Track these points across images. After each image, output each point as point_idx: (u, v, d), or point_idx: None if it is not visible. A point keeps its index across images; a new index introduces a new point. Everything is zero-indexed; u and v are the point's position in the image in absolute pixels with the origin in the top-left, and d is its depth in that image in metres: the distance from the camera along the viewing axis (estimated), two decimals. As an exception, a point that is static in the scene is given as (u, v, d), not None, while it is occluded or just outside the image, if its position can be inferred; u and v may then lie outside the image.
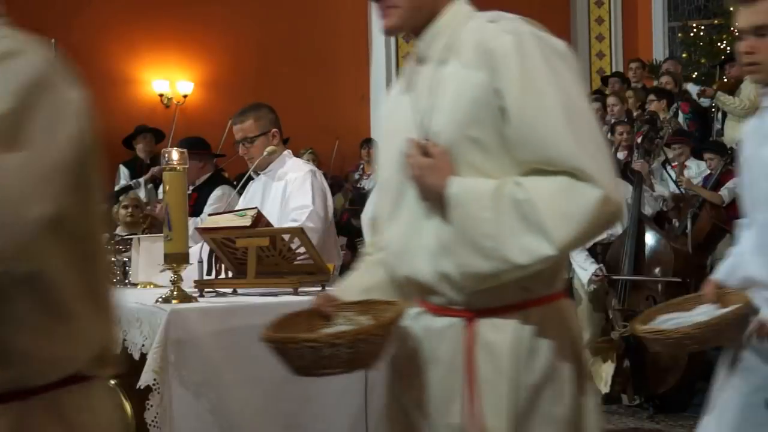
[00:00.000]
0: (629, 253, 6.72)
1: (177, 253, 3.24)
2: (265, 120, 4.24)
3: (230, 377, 3.11)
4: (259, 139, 4.22)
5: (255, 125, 4.24)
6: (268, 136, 4.22)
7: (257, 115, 4.24)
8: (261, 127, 4.23)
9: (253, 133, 4.22)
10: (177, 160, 3.26)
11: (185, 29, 10.43)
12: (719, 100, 8.58)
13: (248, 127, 4.24)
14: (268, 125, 4.24)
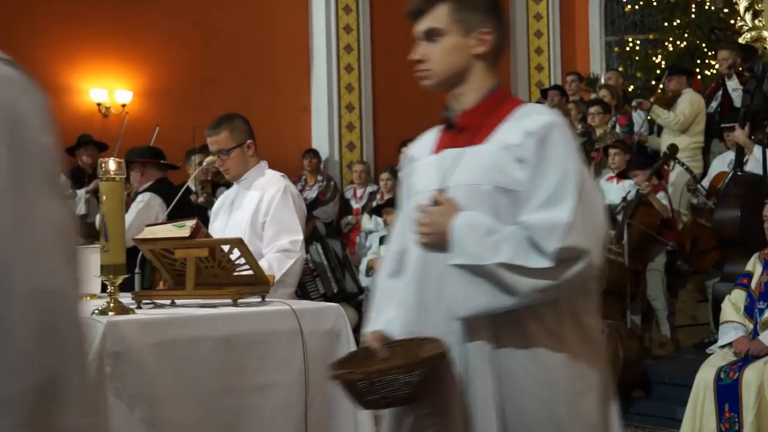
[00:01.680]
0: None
1: (114, 264, 3.20)
2: (239, 131, 4.19)
3: (168, 389, 3.08)
4: (234, 151, 4.15)
5: (230, 137, 4.17)
6: (243, 147, 4.17)
7: (231, 126, 4.19)
8: (236, 139, 4.17)
9: (228, 145, 4.16)
10: (114, 170, 3.22)
11: (124, 37, 10.31)
12: (654, 113, 8.74)
13: (223, 140, 4.17)
14: (243, 136, 4.18)
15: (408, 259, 2.43)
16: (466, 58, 2.44)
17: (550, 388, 2.24)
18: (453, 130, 2.50)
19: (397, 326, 2.43)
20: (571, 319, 2.29)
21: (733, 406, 4.93)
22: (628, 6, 12.59)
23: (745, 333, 5.18)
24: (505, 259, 2.16)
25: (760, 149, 6.70)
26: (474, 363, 2.26)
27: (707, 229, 7.42)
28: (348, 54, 11.49)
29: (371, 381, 2.23)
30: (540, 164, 2.23)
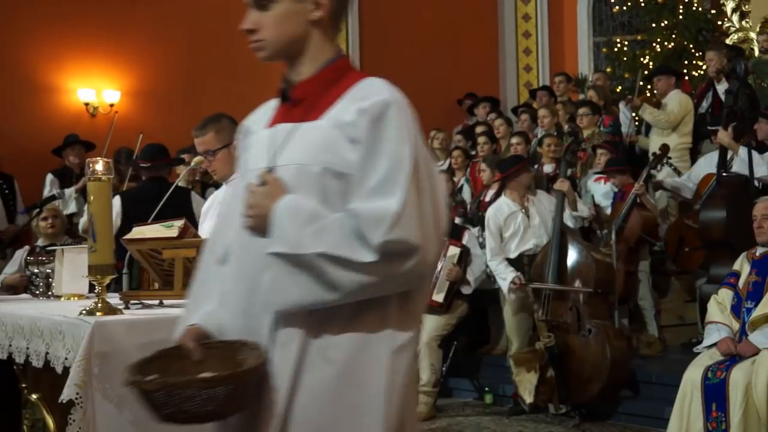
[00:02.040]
0: (552, 264, 6.82)
1: (102, 265, 3.20)
2: (225, 132, 4.13)
3: (156, 390, 3.07)
4: (220, 152, 4.11)
5: (216, 138, 4.14)
6: (230, 148, 4.11)
7: (218, 127, 4.15)
8: (222, 140, 4.13)
9: (214, 146, 4.13)
10: (102, 170, 3.22)
11: (112, 37, 10.28)
12: (645, 111, 8.76)
13: (209, 140, 4.14)
14: (229, 137, 4.08)
15: (233, 244, 2.20)
16: (301, 25, 2.20)
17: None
18: (288, 102, 2.27)
19: (217, 319, 2.21)
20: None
21: (720, 406, 4.95)
22: (616, 7, 12.63)
23: (729, 334, 5.20)
24: (327, 249, 1.96)
25: (745, 150, 6.72)
26: (274, 369, 2.06)
27: (694, 230, 7.45)
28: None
29: (169, 393, 1.98)
30: (372, 146, 2.04)
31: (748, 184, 6.64)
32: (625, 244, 7.35)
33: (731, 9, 10.78)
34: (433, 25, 12.09)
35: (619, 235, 7.33)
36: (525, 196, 7.25)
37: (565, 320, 6.75)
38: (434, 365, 7.20)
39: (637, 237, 7.38)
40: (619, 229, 7.32)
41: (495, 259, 7.19)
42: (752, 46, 10.21)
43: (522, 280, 7.00)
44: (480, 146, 9.23)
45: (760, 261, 5.30)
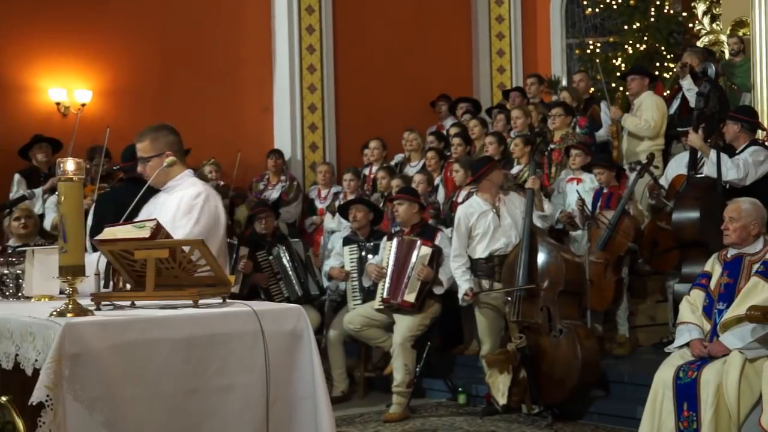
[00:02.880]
0: (523, 265, 6.85)
1: (72, 266, 3.17)
2: (161, 142, 4.33)
3: (128, 392, 3.05)
4: (153, 159, 4.31)
5: (150, 146, 4.34)
6: (162, 158, 4.31)
7: (154, 136, 4.35)
8: (156, 149, 4.32)
9: (148, 153, 4.33)
10: (73, 170, 3.19)
11: (83, 36, 10.20)
12: (626, 121, 8.80)
13: (144, 147, 4.35)
14: (163, 147, 4.32)
15: None
16: None
17: None
18: None
19: None
20: None
21: (691, 405, 4.99)
22: (588, 9, 12.71)
23: (700, 335, 5.24)
24: None
25: (716, 152, 6.77)
26: None
27: (667, 231, 7.50)
28: (310, 54, 11.46)
29: None
30: None
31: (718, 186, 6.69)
32: (614, 253, 7.40)
33: (702, 12, 10.87)
34: (407, 27, 12.09)
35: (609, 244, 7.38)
36: (497, 196, 7.26)
37: (536, 321, 6.78)
38: (408, 366, 7.20)
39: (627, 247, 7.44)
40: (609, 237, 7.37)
41: (456, 261, 7.21)
42: (722, 48, 10.31)
43: (473, 291, 7.04)
44: (454, 147, 9.25)
45: (731, 262, 5.34)
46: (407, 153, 10.04)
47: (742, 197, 5.59)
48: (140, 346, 3.09)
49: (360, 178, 9.71)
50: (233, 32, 11.22)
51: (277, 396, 3.36)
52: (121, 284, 3.65)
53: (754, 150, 7.03)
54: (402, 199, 7.61)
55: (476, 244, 7.24)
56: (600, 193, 7.78)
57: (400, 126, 10.45)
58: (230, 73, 11.16)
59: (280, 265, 8.17)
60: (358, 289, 7.85)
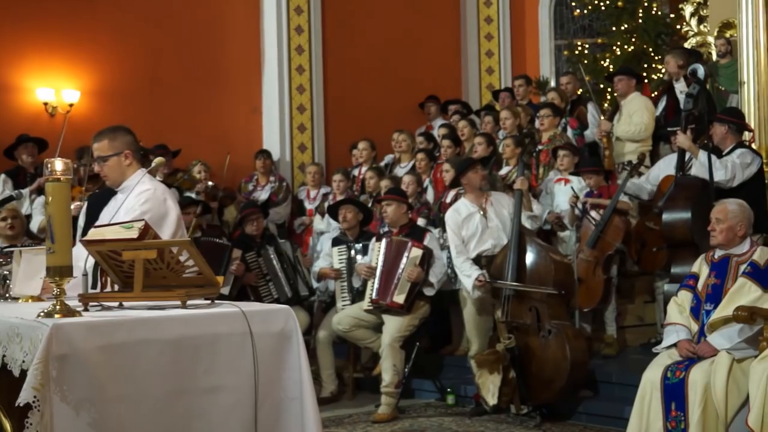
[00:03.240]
0: (511, 265, 6.86)
1: (60, 266, 3.16)
2: (119, 142, 4.43)
3: (115, 393, 3.04)
4: (111, 159, 4.41)
5: (109, 145, 4.42)
6: (120, 157, 4.41)
7: (112, 136, 4.45)
8: (114, 148, 4.41)
9: (106, 153, 4.42)
10: (61, 170, 3.18)
11: (71, 36, 10.17)
12: (618, 132, 8.77)
13: (102, 147, 4.43)
14: (121, 147, 4.42)
15: None
16: None
17: None
18: None
19: None
20: None
21: (679, 405, 5.00)
22: (576, 10, 12.74)
23: (688, 335, 5.26)
24: None
25: (705, 155, 6.79)
26: None
27: (655, 232, 7.53)
28: (299, 55, 11.46)
29: None
30: None
31: (707, 186, 6.72)
32: (604, 251, 7.41)
33: (690, 13, 10.91)
34: (396, 28, 12.10)
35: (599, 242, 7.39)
36: (484, 197, 7.27)
37: (525, 321, 6.79)
38: (396, 366, 7.20)
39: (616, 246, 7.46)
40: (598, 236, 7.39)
41: (460, 256, 7.19)
42: (710, 50, 10.34)
43: (486, 277, 7.02)
44: (443, 149, 9.26)
45: (719, 263, 5.36)
46: (397, 154, 10.04)
47: (728, 198, 5.62)
48: (128, 347, 3.08)
49: (349, 178, 9.71)
50: (222, 33, 11.20)
51: (265, 397, 3.36)
52: (109, 285, 3.64)
53: (742, 152, 7.06)
54: (390, 200, 7.61)
55: (465, 245, 7.24)
56: (590, 194, 7.79)
57: (389, 127, 10.45)
58: (219, 74, 11.14)
59: (269, 265, 8.16)
60: (347, 289, 7.85)
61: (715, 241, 5.36)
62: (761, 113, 8.77)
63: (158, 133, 9.84)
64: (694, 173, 6.97)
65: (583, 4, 12.52)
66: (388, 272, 7.38)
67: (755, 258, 5.24)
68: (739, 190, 6.81)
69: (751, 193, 6.90)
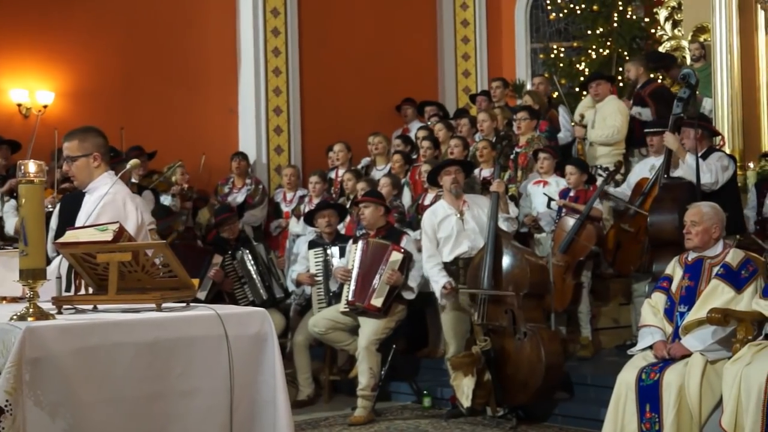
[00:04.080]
0: (487, 267, 6.87)
1: (33, 269, 3.13)
2: (89, 143, 4.46)
3: (90, 397, 3.02)
4: (80, 159, 4.44)
5: (78, 146, 4.45)
6: (89, 158, 4.44)
7: (82, 137, 4.48)
8: (83, 149, 4.44)
9: (75, 153, 4.44)
10: (34, 172, 3.15)
11: (46, 36, 10.09)
12: (591, 137, 8.81)
13: (72, 147, 4.46)
14: (91, 148, 4.45)
15: None
16: None
17: None
18: None
19: None
20: None
21: (653, 407, 5.04)
22: (552, 14, 12.80)
23: (662, 337, 5.30)
24: None
25: (693, 157, 6.84)
26: None
27: (630, 234, 7.58)
28: (276, 57, 11.43)
29: None
30: None
31: (693, 187, 6.77)
32: (576, 257, 7.44)
33: (664, 17, 10.99)
34: (372, 30, 12.11)
35: (570, 248, 7.42)
36: (461, 200, 7.28)
37: (500, 324, 6.80)
38: (373, 369, 7.20)
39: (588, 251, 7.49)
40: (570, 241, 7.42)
41: (430, 261, 7.21)
42: (684, 54, 10.43)
43: (453, 285, 7.05)
44: (423, 150, 9.27)
45: (692, 265, 5.41)
46: (373, 156, 10.04)
47: (701, 201, 5.66)
48: (102, 350, 3.06)
49: (326, 181, 9.70)
50: (198, 34, 11.16)
51: (240, 400, 3.35)
52: (83, 288, 3.62)
53: (720, 156, 7.16)
54: (368, 202, 7.61)
55: (441, 247, 7.25)
56: (567, 195, 7.82)
57: (365, 129, 10.45)
58: (195, 75, 11.10)
59: (244, 268, 8.14)
60: (324, 292, 7.84)
61: (692, 243, 5.40)
62: (734, 117, 8.88)
63: (134, 134, 9.79)
64: (681, 175, 7.02)
65: (558, 7, 12.59)
66: (365, 274, 7.37)
67: (728, 260, 5.29)
68: (718, 193, 6.89)
69: (729, 196, 6.99)
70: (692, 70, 7.84)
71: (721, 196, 6.78)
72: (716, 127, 8.67)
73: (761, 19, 8.95)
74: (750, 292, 5.15)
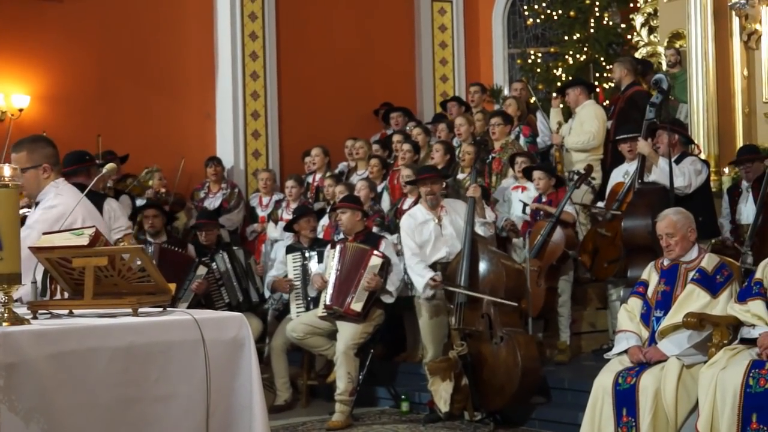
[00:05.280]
0: (464, 272, 6.88)
1: (9, 274, 3.10)
2: (38, 154, 4.36)
3: (65, 402, 3.00)
4: (29, 171, 4.32)
5: (27, 158, 4.35)
6: (39, 170, 4.34)
7: (31, 147, 4.38)
8: (32, 161, 4.34)
9: (24, 164, 4.32)
10: (9, 176, 3.12)
11: (21, 40, 10.03)
12: (569, 144, 8.83)
13: (21, 159, 4.35)
14: (40, 159, 4.35)
15: None
16: None
17: None
18: None
19: None
20: None
21: (630, 411, 5.06)
22: (530, 20, 12.86)
23: (638, 342, 5.33)
24: None
25: (665, 161, 6.89)
26: None
27: (607, 239, 7.62)
28: (253, 61, 11.42)
29: None
30: None
31: (666, 192, 6.81)
32: (547, 261, 7.47)
33: (640, 24, 11.07)
34: (350, 35, 12.11)
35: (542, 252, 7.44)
36: (439, 205, 7.29)
37: (477, 328, 6.81)
38: (351, 374, 7.19)
39: (561, 253, 7.51)
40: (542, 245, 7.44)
41: (413, 258, 7.19)
42: (660, 60, 10.51)
43: (440, 278, 7.04)
44: (402, 153, 9.26)
45: (668, 271, 5.44)
46: (353, 162, 10.03)
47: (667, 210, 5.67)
48: (78, 356, 3.04)
49: (302, 185, 9.68)
50: (175, 38, 11.12)
51: (217, 405, 3.33)
52: (59, 293, 3.59)
53: (693, 160, 7.20)
54: (345, 208, 7.60)
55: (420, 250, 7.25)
56: (540, 201, 7.85)
57: (343, 134, 10.45)
58: (172, 79, 11.06)
59: (221, 270, 8.12)
60: (302, 297, 7.82)
61: (674, 254, 5.42)
62: (710, 123, 8.94)
63: (110, 138, 9.75)
64: (654, 179, 7.06)
65: (535, 13, 12.66)
66: (343, 278, 7.36)
67: (703, 265, 5.33)
68: (692, 197, 6.93)
69: (703, 201, 7.04)
70: (665, 75, 7.89)
71: (694, 200, 6.83)
72: (692, 132, 8.74)
73: (736, 25, 9.03)
74: (725, 296, 5.19)
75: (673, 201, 6.55)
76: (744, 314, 5.00)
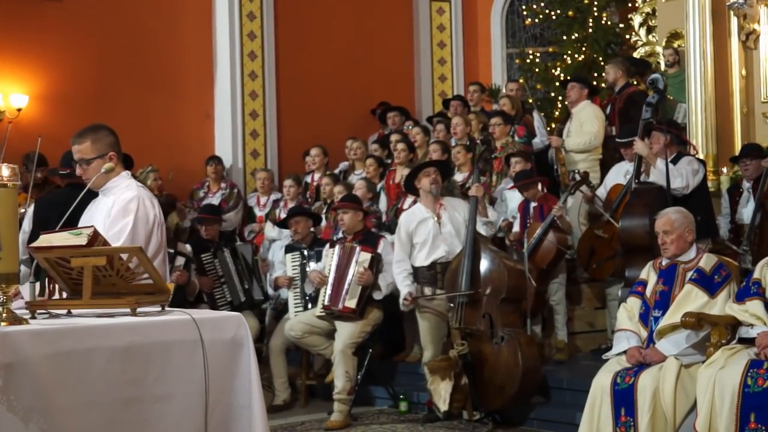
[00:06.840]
0: (465, 271, 6.88)
1: (7, 273, 3.10)
2: (102, 143, 4.25)
3: (64, 402, 3.00)
4: (95, 161, 4.22)
5: (92, 147, 4.24)
6: (105, 159, 4.23)
7: (95, 137, 4.25)
8: (98, 150, 4.23)
9: (90, 155, 4.23)
10: (8, 176, 3.12)
11: (20, 39, 10.02)
12: (569, 146, 8.82)
13: (85, 149, 4.24)
14: (106, 148, 4.24)
15: None
16: None
17: None
18: None
19: None
20: None
21: (628, 411, 5.06)
22: (528, 19, 12.86)
23: (637, 342, 5.33)
24: None
25: (663, 162, 6.89)
26: None
27: (604, 240, 7.62)
28: (252, 61, 11.41)
29: None
30: None
31: (664, 192, 6.82)
32: (537, 265, 7.46)
33: (639, 23, 11.08)
34: (349, 35, 12.11)
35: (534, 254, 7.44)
36: (438, 203, 7.29)
37: (478, 328, 6.82)
38: (349, 373, 7.20)
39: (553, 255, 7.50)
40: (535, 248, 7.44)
41: (398, 266, 7.22)
42: (658, 59, 10.51)
43: (413, 295, 7.06)
44: (397, 153, 9.26)
45: (666, 270, 5.44)
46: (351, 161, 10.03)
47: (667, 209, 5.68)
48: (76, 355, 3.04)
49: (300, 184, 9.68)
50: (174, 37, 11.12)
51: (216, 405, 3.33)
52: (57, 292, 3.59)
53: (689, 160, 7.21)
54: (347, 208, 7.60)
55: (417, 252, 7.26)
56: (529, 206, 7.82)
57: (341, 133, 10.45)
58: (170, 79, 11.06)
59: (224, 267, 8.11)
60: (300, 296, 7.83)
61: (669, 252, 5.43)
62: (708, 122, 8.95)
63: (109, 138, 9.72)
64: (652, 180, 7.06)
65: (534, 13, 12.65)
66: (339, 278, 7.37)
67: (701, 265, 5.33)
68: (690, 197, 6.94)
69: (700, 200, 7.04)
70: (661, 75, 7.88)
71: (692, 200, 6.83)
72: (690, 132, 8.75)
73: (734, 25, 9.04)
74: (723, 296, 5.20)
75: (671, 202, 6.55)
76: (742, 314, 5.01)
